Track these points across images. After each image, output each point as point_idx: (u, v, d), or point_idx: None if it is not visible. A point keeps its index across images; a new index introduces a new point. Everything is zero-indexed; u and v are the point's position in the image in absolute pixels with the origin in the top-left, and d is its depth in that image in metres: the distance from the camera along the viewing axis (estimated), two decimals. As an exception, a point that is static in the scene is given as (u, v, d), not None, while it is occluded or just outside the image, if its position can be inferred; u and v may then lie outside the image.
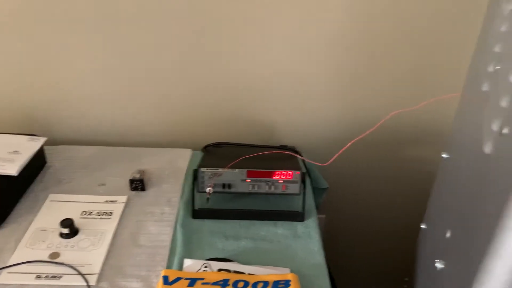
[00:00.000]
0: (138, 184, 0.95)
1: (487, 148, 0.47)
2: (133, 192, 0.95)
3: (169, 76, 1.06)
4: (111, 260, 0.79)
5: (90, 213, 0.89)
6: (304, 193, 0.89)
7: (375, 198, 1.27)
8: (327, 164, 0.87)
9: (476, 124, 0.55)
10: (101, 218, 0.88)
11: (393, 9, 0.97)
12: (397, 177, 1.22)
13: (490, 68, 0.55)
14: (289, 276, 0.75)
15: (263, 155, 0.94)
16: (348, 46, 1.01)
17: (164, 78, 1.06)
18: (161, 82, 1.07)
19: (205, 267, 0.77)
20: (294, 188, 0.89)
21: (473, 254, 0.41)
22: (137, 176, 0.96)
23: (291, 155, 0.96)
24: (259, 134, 1.14)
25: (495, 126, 0.46)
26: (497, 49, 0.55)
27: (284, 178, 0.88)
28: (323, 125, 1.13)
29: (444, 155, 0.74)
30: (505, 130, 0.43)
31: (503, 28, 0.54)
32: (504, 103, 0.46)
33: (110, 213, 0.89)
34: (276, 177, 0.88)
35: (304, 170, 0.94)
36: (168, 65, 1.04)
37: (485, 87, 0.56)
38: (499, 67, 0.52)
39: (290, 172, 0.88)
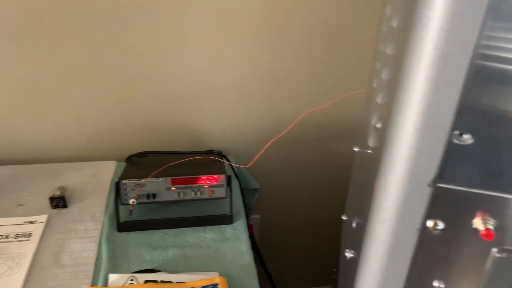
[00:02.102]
0: (59, 202, 0.91)
1: (370, 142, 0.51)
2: (55, 210, 0.91)
3: (88, 87, 1.03)
4: (31, 283, 0.75)
5: (7, 236, 0.84)
6: (231, 196, 0.90)
7: (303, 194, 1.31)
8: (249, 165, 0.88)
9: (367, 119, 0.58)
10: (19, 241, 0.83)
11: (303, 15, 1.01)
12: (321, 173, 1.27)
13: (378, 65, 0.59)
14: (217, 279, 0.75)
15: (189, 161, 0.93)
16: (264, 51, 1.04)
17: (83, 88, 1.03)
18: (80, 93, 1.03)
19: (131, 280, 0.75)
20: (221, 192, 0.89)
21: (367, 241, 0.44)
22: (58, 193, 0.92)
23: (217, 159, 0.96)
24: (186, 141, 1.14)
25: (373, 121, 0.49)
26: (380, 47, 0.58)
27: (209, 183, 0.89)
28: (248, 127, 1.14)
29: (355, 149, 0.78)
30: (378, 125, 0.46)
31: (385, 28, 0.58)
32: (379, 99, 0.49)
33: (29, 234, 0.85)
34: (201, 182, 0.88)
35: (229, 173, 0.95)
36: (86, 75, 1.01)
37: (375, 84, 0.60)
38: (379, 65, 0.56)
39: (215, 177, 0.88)
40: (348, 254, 0.59)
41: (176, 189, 0.88)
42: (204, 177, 0.88)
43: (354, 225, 0.62)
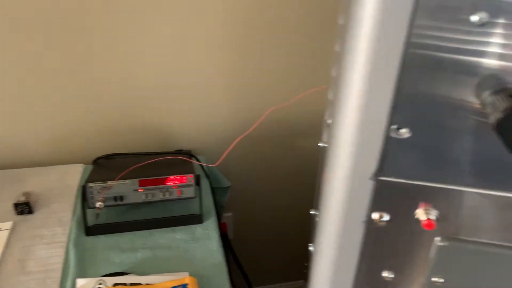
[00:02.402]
0: (24, 208, 0.89)
1: (324, 137, 0.52)
2: (20, 217, 0.89)
3: (53, 89, 1.00)
4: (-4, 293, 0.74)
5: (-30, 246, 0.82)
6: (200, 195, 0.90)
7: (275, 190, 1.32)
8: (217, 164, 0.88)
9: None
10: (-18, 250, 0.81)
11: (266, 14, 1.01)
12: (291, 168, 1.28)
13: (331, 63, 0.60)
14: (187, 279, 0.75)
15: (157, 162, 0.93)
16: (229, 51, 1.03)
17: (47, 91, 1.00)
18: (44, 95, 1.01)
19: (100, 284, 0.74)
20: (190, 192, 0.89)
21: (318, 235, 0.45)
22: (23, 199, 0.90)
23: (186, 159, 0.96)
24: (155, 142, 1.13)
25: (326, 117, 0.50)
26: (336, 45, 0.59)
27: (178, 183, 0.88)
28: (216, 127, 1.14)
29: (320, 144, 0.79)
30: (329, 121, 0.47)
31: (340, 24, 0.58)
32: (329, 96, 0.50)
33: (-7, 243, 0.83)
34: (169, 183, 0.88)
35: (199, 172, 0.95)
36: (49, 77, 0.99)
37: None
38: (331, 62, 0.57)
39: (184, 176, 0.88)
40: (311, 248, 0.60)
41: (144, 191, 0.87)
42: (172, 177, 0.87)
43: (317, 219, 0.63)
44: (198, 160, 1.02)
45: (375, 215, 0.36)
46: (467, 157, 0.33)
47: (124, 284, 0.74)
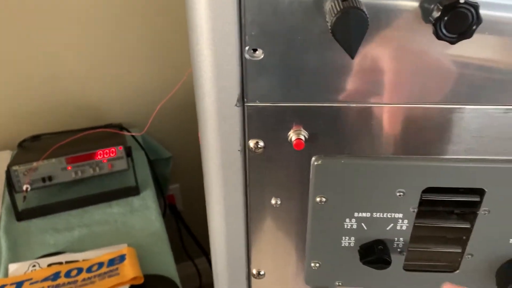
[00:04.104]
0: None
1: None
2: None
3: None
4: None
5: None
6: (133, 167, 0.88)
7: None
8: (143, 132, 0.87)
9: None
10: None
11: None
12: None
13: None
14: (124, 250, 0.74)
15: (85, 138, 0.90)
16: (136, 14, 1.00)
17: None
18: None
19: (34, 266, 0.72)
20: (121, 164, 0.87)
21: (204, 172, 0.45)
22: None
23: (116, 132, 0.93)
24: (87, 119, 1.09)
25: None
26: None
27: (108, 157, 0.86)
28: (145, 96, 1.11)
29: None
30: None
31: None
32: None
33: None
34: (99, 157, 0.85)
35: (133, 145, 0.93)
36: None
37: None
38: None
39: (113, 149, 0.86)
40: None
41: (73, 168, 0.84)
42: (100, 151, 0.85)
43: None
44: (128, 131, 0.99)
45: (251, 143, 0.36)
46: (323, 72, 0.33)
47: (60, 263, 0.73)
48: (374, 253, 0.42)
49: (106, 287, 0.68)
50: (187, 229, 1.26)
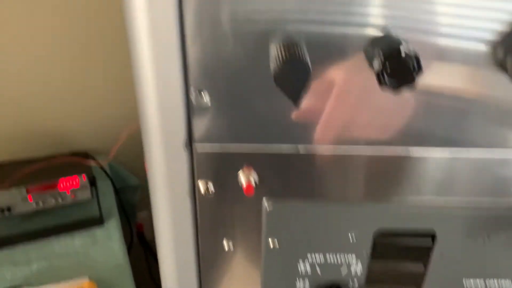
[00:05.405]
0: None
1: None
2: None
3: None
4: None
5: None
6: (97, 196, 0.86)
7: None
8: (109, 160, 0.85)
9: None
10: None
11: None
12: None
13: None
14: (85, 285, 0.72)
15: (48, 167, 0.87)
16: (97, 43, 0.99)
17: None
18: None
19: (-14, 304, 0.69)
20: (85, 194, 0.85)
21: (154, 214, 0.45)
22: None
23: (80, 160, 0.91)
24: (50, 145, 1.06)
25: None
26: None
27: (71, 186, 0.84)
28: (112, 124, 1.09)
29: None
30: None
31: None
32: None
33: None
34: (61, 187, 0.83)
35: (98, 174, 0.91)
36: None
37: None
38: None
39: (76, 178, 0.84)
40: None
41: (34, 199, 0.82)
42: (63, 180, 0.83)
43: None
44: (94, 159, 0.97)
45: (200, 185, 0.35)
46: (270, 114, 0.33)
47: (16, 299, 0.70)
48: (330, 298, 0.41)
49: (63, 325, 0.65)
50: (155, 258, 1.23)
